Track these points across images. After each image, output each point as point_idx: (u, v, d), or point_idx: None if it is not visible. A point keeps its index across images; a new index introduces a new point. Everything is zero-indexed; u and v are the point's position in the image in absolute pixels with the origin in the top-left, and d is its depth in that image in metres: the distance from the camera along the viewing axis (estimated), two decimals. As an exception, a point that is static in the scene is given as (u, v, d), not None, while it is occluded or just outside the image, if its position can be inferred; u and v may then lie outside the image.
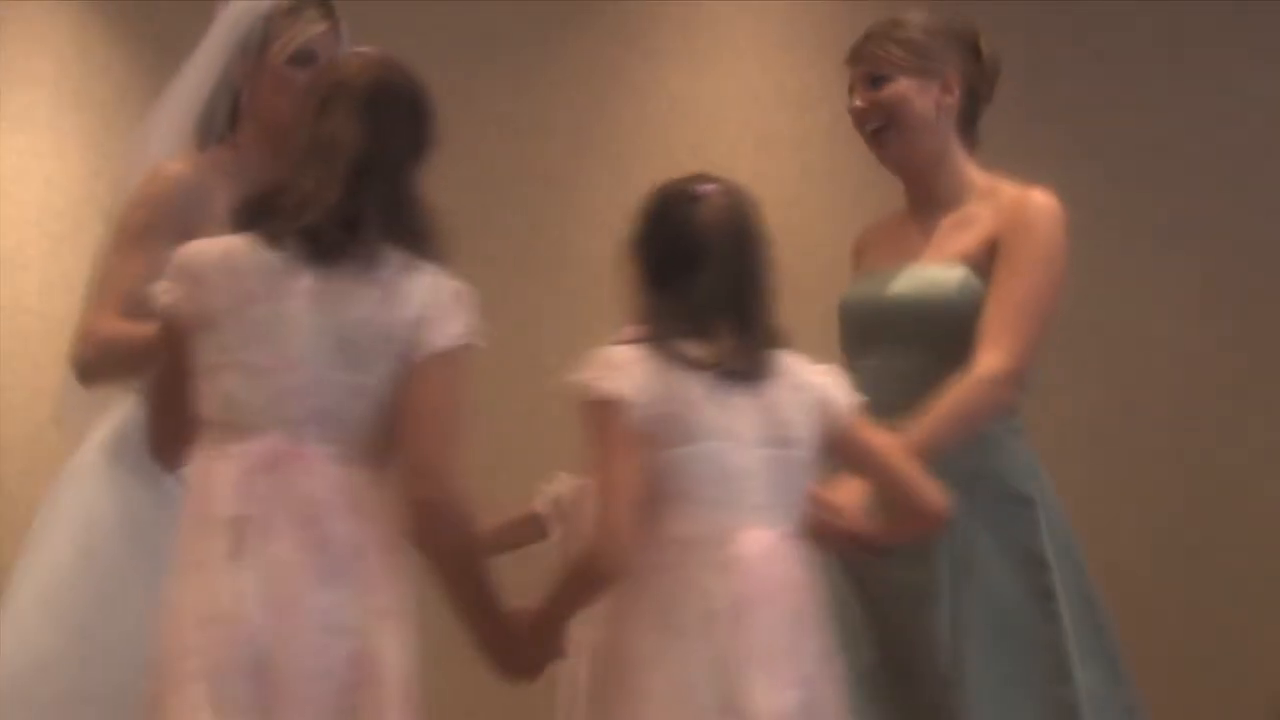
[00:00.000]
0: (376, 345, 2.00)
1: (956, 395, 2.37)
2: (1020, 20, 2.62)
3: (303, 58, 2.51)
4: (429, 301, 2.02)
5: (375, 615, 1.98)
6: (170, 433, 2.12)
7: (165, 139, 2.59)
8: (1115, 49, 4.73)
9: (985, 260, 2.46)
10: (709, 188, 2.21)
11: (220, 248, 2.07)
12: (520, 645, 2.11)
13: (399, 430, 2.00)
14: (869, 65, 2.56)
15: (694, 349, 2.12)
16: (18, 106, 4.96)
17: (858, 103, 2.57)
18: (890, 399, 2.40)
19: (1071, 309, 2.48)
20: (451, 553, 2.03)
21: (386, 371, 2.00)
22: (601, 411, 2.09)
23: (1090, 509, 4.27)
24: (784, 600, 2.08)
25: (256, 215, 2.07)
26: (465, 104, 4.75)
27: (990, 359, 2.39)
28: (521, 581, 2.22)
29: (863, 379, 2.48)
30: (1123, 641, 2.63)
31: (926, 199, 2.58)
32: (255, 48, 2.51)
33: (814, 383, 2.20)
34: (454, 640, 2.10)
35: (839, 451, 2.24)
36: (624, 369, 2.10)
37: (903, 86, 2.53)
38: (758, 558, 2.07)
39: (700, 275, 2.16)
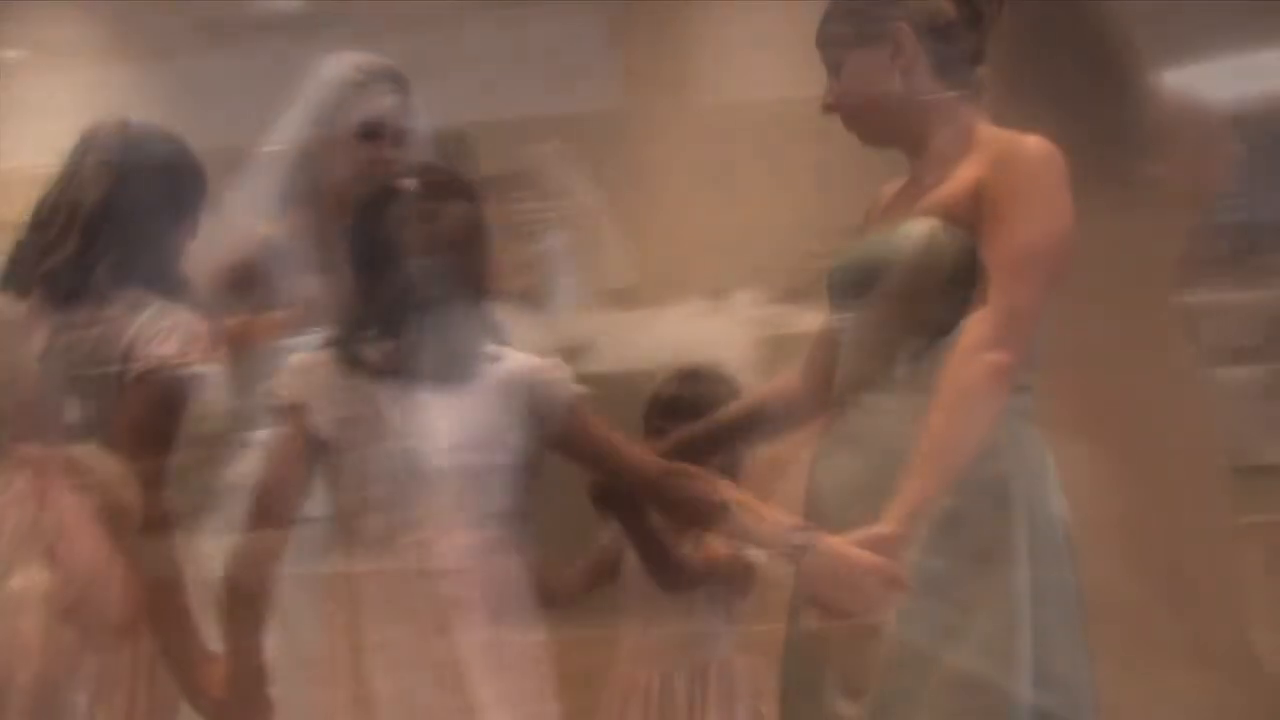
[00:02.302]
0: (100, 380, 2.16)
1: (948, 385, 2.12)
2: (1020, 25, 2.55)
3: (370, 130, 2.52)
4: (143, 331, 2.17)
5: (116, 633, 2.12)
6: None
7: (252, 204, 2.61)
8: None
9: (968, 206, 2.21)
10: (406, 182, 2.12)
11: None
12: (207, 685, 2.10)
13: (111, 447, 2.14)
14: (824, 54, 2.37)
15: (377, 351, 2.06)
16: (33, 138, 5.02)
17: (824, 99, 2.37)
18: (858, 370, 2.26)
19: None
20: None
21: (113, 403, 2.16)
22: (278, 418, 2.07)
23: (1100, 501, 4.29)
24: (488, 602, 2.05)
25: (8, 272, 2.25)
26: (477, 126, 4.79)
27: (976, 327, 2.14)
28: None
29: (842, 353, 2.32)
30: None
31: (921, 160, 2.34)
32: (328, 118, 2.53)
33: (526, 379, 2.14)
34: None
35: (560, 447, 2.17)
36: (304, 374, 2.07)
37: (853, 65, 2.31)
38: (459, 560, 2.03)
39: (387, 273, 2.07)
